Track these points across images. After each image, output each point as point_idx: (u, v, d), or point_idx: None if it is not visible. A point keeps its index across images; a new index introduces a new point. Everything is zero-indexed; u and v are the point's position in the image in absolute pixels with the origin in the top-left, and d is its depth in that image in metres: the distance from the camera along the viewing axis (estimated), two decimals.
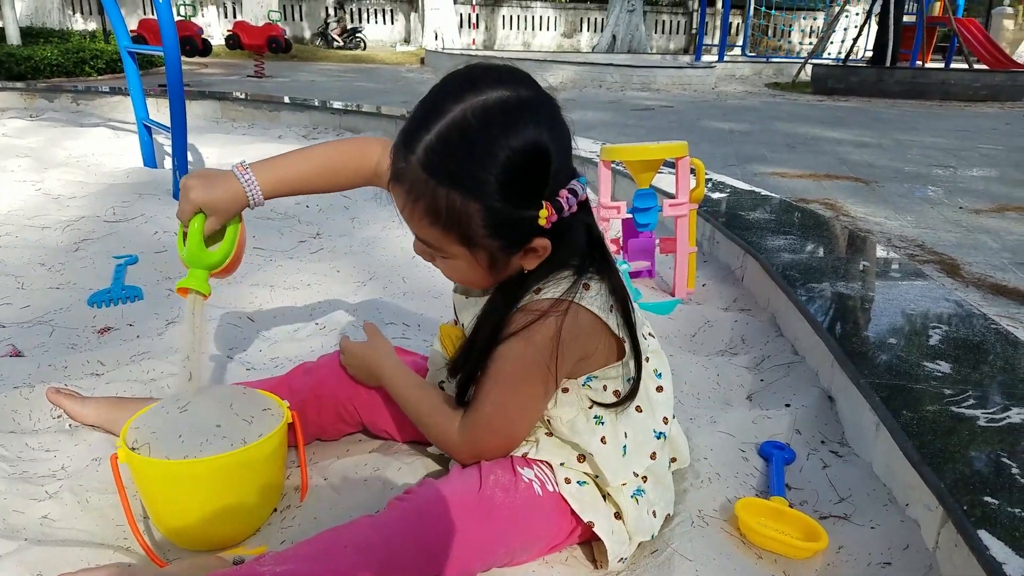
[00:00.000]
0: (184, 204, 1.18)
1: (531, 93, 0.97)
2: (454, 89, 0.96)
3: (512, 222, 0.97)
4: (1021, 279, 2.87)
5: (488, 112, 0.93)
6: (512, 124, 0.93)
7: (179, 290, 1.24)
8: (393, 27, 18.62)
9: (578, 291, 1.05)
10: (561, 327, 1.04)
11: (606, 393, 1.15)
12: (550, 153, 0.96)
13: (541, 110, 0.97)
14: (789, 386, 1.73)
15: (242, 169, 1.21)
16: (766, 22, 17.08)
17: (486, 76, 0.97)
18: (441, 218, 0.97)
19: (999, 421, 1.33)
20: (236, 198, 1.20)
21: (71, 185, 3.37)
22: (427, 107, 0.97)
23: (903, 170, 5.14)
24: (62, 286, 2.28)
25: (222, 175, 1.21)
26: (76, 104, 6.14)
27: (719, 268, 2.61)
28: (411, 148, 0.96)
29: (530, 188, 0.96)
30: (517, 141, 0.93)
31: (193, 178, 1.19)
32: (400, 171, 0.98)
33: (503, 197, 0.95)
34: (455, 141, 0.93)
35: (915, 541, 1.18)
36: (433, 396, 1.25)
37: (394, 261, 2.60)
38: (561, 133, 0.99)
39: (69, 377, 1.69)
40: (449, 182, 0.94)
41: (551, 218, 0.97)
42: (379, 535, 1.00)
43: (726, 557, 1.15)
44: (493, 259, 1.02)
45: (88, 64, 8.96)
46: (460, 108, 0.93)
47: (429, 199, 0.96)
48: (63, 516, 1.22)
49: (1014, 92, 10.63)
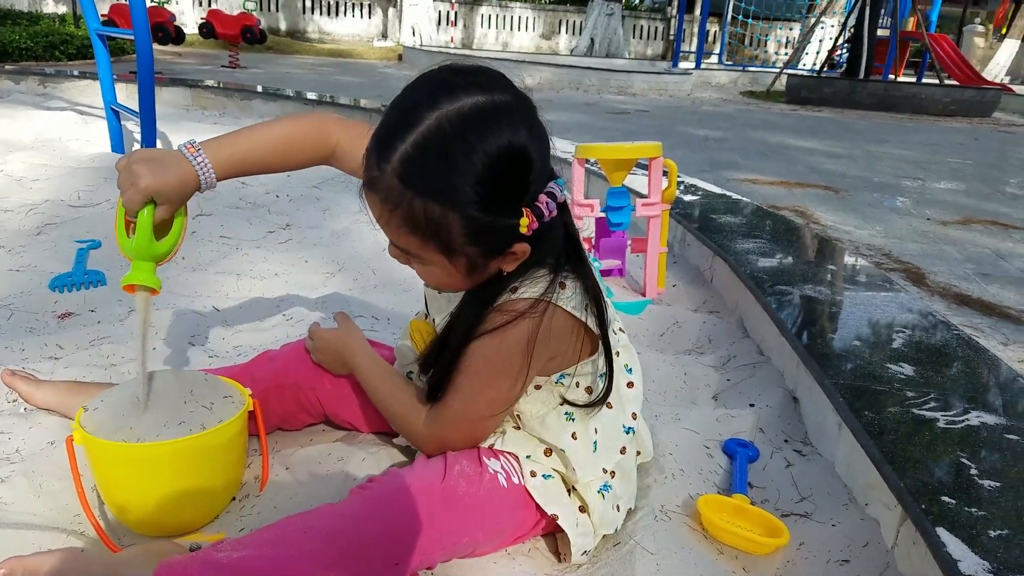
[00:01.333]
0: (133, 193, 1.07)
1: (507, 97, 0.95)
2: (428, 95, 0.93)
3: (492, 230, 0.96)
4: (984, 290, 2.92)
5: (464, 120, 0.91)
6: (489, 131, 0.91)
7: (126, 287, 1.13)
8: (370, 21, 18.51)
9: (555, 291, 1.04)
10: (537, 328, 1.04)
11: (579, 390, 1.14)
12: (529, 158, 0.95)
13: (517, 114, 0.95)
14: (754, 386, 1.74)
15: (193, 150, 1.12)
16: (743, 31, 17.26)
17: (460, 80, 0.94)
18: (420, 228, 0.95)
19: (958, 423, 1.35)
20: (188, 182, 1.11)
21: (35, 168, 3.30)
22: (401, 113, 0.94)
23: (873, 180, 5.21)
24: (23, 269, 2.23)
25: (171, 156, 1.11)
26: (43, 87, 6.02)
27: (689, 270, 2.63)
28: (385, 157, 0.93)
29: (509, 195, 0.95)
30: (495, 149, 0.91)
31: (139, 162, 1.07)
32: (374, 179, 0.95)
33: (482, 206, 0.93)
34: (431, 151, 0.91)
35: (874, 539, 1.19)
36: (402, 386, 1.24)
37: (364, 253, 2.58)
38: (539, 136, 0.97)
39: (27, 360, 1.65)
40: (427, 193, 0.92)
41: (532, 225, 0.96)
42: (340, 522, 0.99)
43: (687, 551, 1.16)
44: (472, 264, 1.00)
45: (58, 49, 8.78)
46: (435, 116, 0.91)
47: (406, 209, 0.94)
48: (15, 500, 1.19)
49: (983, 108, 10.84)
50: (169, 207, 1.12)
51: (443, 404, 1.13)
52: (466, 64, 0.98)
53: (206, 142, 1.16)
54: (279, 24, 17.64)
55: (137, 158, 1.09)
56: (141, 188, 1.07)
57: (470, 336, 1.07)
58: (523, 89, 0.99)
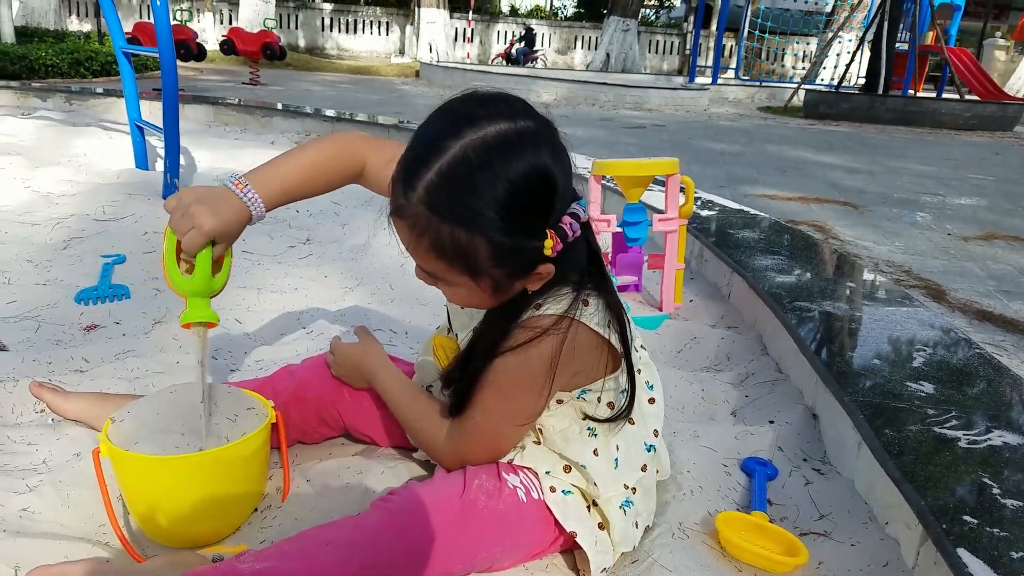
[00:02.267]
0: (195, 235, 1.07)
1: (529, 123, 0.96)
2: (452, 124, 0.95)
3: (517, 252, 0.98)
4: (1006, 306, 2.90)
5: (488, 148, 0.92)
6: (513, 158, 0.93)
7: (185, 325, 1.13)
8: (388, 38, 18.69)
9: (578, 307, 1.05)
10: (561, 344, 1.05)
11: (600, 405, 1.15)
12: (553, 182, 0.96)
13: (540, 139, 0.96)
14: (773, 403, 1.74)
15: (242, 187, 1.13)
16: (759, 46, 17.25)
17: (483, 109, 0.96)
18: (446, 253, 0.97)
19: (980, 443, 1.34)
20: (241, 219, 1.13)
21: (62, 184, 3.35)
22: (425, 143, 0.96)
23: (893, 196, 5.18)
24: (49, 283, 2.27)
25: (222, 195, 1.12)
26: (69, 104, 6.12)
27: (706, 285, 2.63)
28: (412, 185, 0.95)
29: (534, 219, 0.97)
30: (518, 175, 0.93)
31: (197, 204, 1.07)
32: (401, 207, 0.97)
33: (507, 231, 0.94)
34: (457, 179, 0.93)
35: (894, 559, 1.19)
36: (423, 400, 1.25)
37: (383, 268, 2.60)
38: (561, 159, 0.99)
39: (53, 372, 1.68)
40: (453, 219, 0.94)
41: (556, 247, 0.98)
42: (360, 535, 1.00)
43: (706, 569, 1.16)
44: (498, 285, 1.02)
45: (83, 65, 8.93)
46: (460, 145, 0.93)
47: (433, 235, 0.95)
48: (43, 509, 1.21)
49: (1004, 122, 10.75)
50: (227, 244, 1.14)
51: (465, 418, 1.14)
52: (488, 91, 1.00)
53: (250, 175, 1.17)
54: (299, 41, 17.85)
55: (192, 199, 1.08)
56: (205, 231, 1.07)
57: (494, 352, 1.08)
58: (544, 112, 1.01)
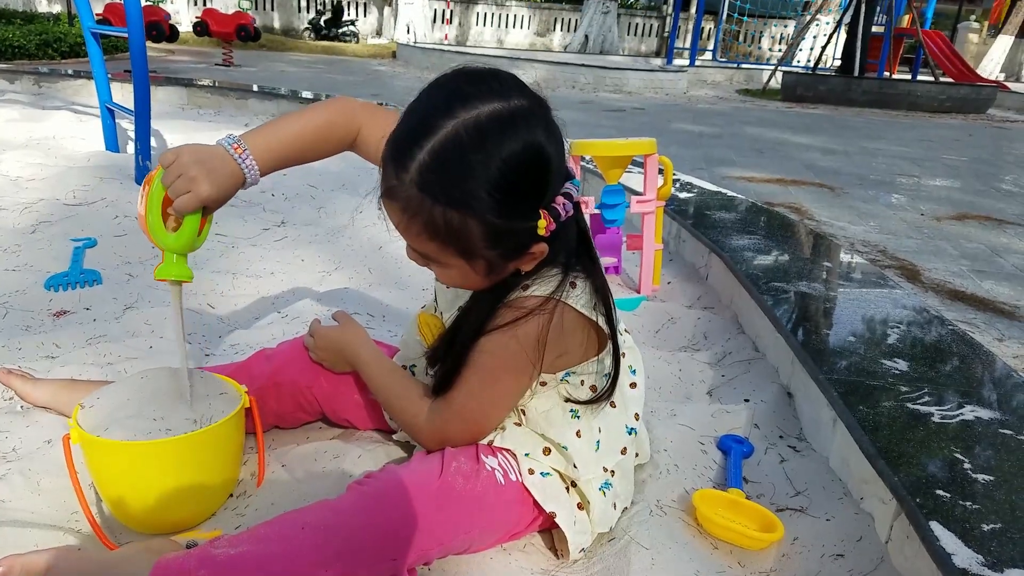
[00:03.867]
0: (191, 199, 1.05)
1: (523, 101, 0.94)
2: (444, 103, 0.93)
3: (511, 233, 0.96)
4: (978, 285, 2.93)
5: (481, 127, 0.90)
6: (506, 137, 0.91)
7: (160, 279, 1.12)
8: (365, 19, 18.48)
9: (565, 289, 1.05)
10: (547, 325, 1.04)
11: (583, 388, 1.15)
12: (546, 162, 0.95)
13: (534, 118, 0.94)
14: (749, 382, 1.75)
15: (240, 150, 1.11)
16: (738, 28, 17.25)
17: (475, 87, 0.93)
18: (439, 234, 0.95)
19: (953, 418, 1.35)
20: (236, 184, 1.11)
21: (30, 167, 3.29)
22: (417, 121, 0.94)
23: (868, 177, 5.22)
24: (18, 268, 2.23)
25: (220, 159, 1.09)
26: (38, 86, 6.00)
27: (684, 266, 2.63)
28: (403, 166, 0.93)
29: (528, 199, 0.95)
30: (512, 155, 0.91)
31: (195, 166, 1.05)
32: (392, 188, 0.95)
33: (501, 212, 0.93)
34: (450, 159, 0.91)
35: (868, 533, 1.20)
36: (404, 381, 1.25)
37: (360, 251, 2.58)
38: (555, 138, 0.97)
39: (23, 359, 1.65)
40: (446, 201, 0.92)
41: (549, 227, 0.96)
42: (337, 518, 0.99)
43: (682, 546, 1.16)
44: (491, 266, 1.01)
45: (51, 47, 8.76)
46: (452, 124, 0.90)
47: (426, 216, 0.94)
48: (13, 498, 1.19)
49: (978, 104, 10.86)
50: (218, 206, 1.12)
51: (447, 398, 1.14)
52: (480, 68, 0.98)
53: (247, 136, 1.14)
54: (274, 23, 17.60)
55: (191, 159, 1.06)
56: (202, 198, 1.06)
57: (480, 331, 1.07)
58: (536, 90, 0.99)
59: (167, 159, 1.06)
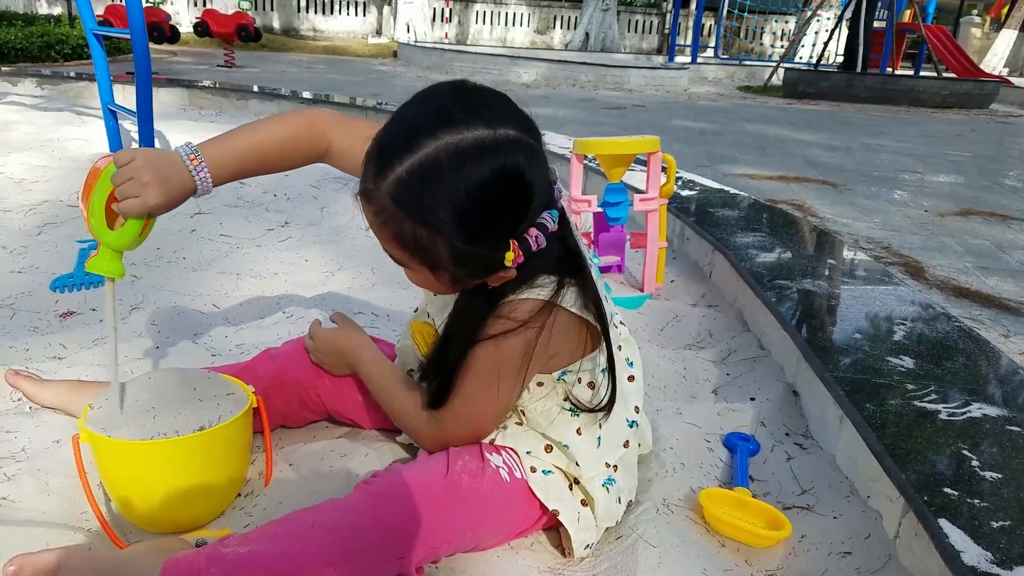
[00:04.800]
0: (137, 205, 1.04)
1: (508, 131, 0.92)
2: (432, 120, 0.92)
3: (477, 258, 0.96)
4: (983, 282, 2.93)
5: (462, 154, 0.89)
6: (484, 168, 0.90)
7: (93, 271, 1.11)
8: (365, 19, 18.47)
9: (558, 299, 1.05)
10: (537, 335, 1.04)
11: (581, 386, 1.15)
12: (524, 195, 0.94)
13: (518, 149, 0.92)
14: (755, 380, 1.75)
15: (196, 162, 1.09)
16: (738, 24, 17.24)
17: (464, 110, 0.92)
18: (408, 245, 0.96)
19: (960, 416, 1.35)
20: (186, 193, 1.10)
21: (34, 169, 3.30)
22: (402, 134, 0.94)
23: (871, 174, 5.21)
24: (24, 270, 2.24)
25: (174, 167, 1.08)
26: (41, 88, 6.01)
27: (688, 264, 2.63)
28: (382, 174, 0.93)
29: (498, 230, 0.95)
30: (487, 187, 0.90)
31: (147, 171, 1.04)
32: (369, 191, 0.95)
33: (470, 239, 0.93)
34: (425, 181, 0.90)
35: (876, 531, 1.20)
36: (405, 385, 1.25)
37: (363, 251, 2.58)
38: (540, 169, 0.96)
39: (30, 360, 1.66)
40: (417, 219, 0.92)
41: (517, 260, 0.96)
42: (345, 517, 1.00)
43: (690, 544, 1.16)
44: (456, 280, 1.01)
45: (54, 49, 8.76)
46: (434, 146, 0.90)
47: (396, 227, 0.94)
48: (22, 498, 1.20)
49: (980, 100, 10.82)
50: (161, 212, 1.10)
51: (445, 405, 1.15)
52: (475, 87, 0.97)
53: (206, 146, 1.12)
54: (274, 23, 17.61)
55: (145, 165, 1.05)
56: (149, 205, 1.05)
57: (470, 340, 1.07)
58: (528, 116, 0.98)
59: (122, 159, 1.05)
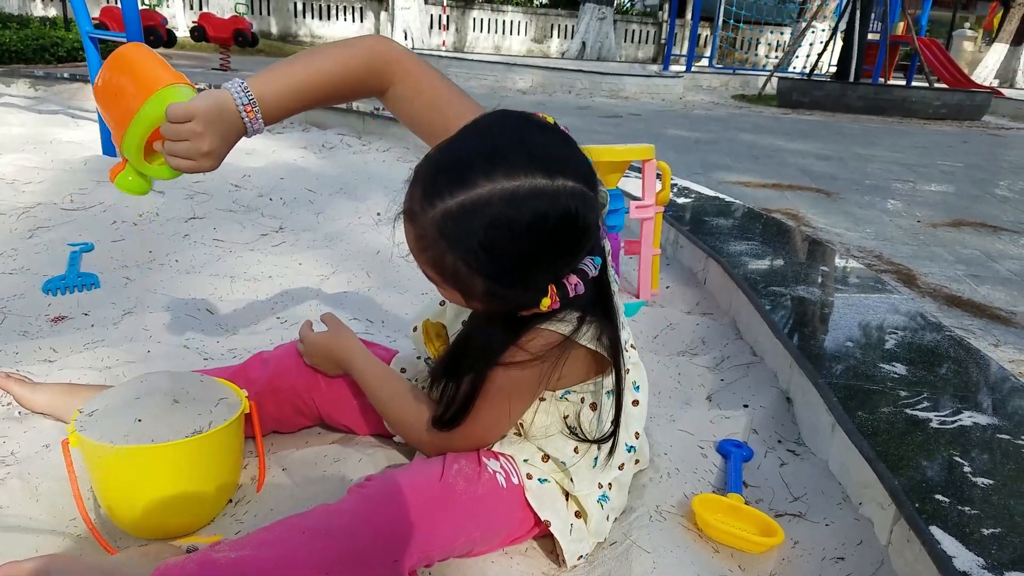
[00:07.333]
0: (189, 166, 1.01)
1: (566, 182, 0.89)
2: (489, 158, 0.88)
3: (512, 300, 0.96)
4: (974, 291, 2.94)
5: (516, 203, 0.86)
6: (537, 219, 0.87)
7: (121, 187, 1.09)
8: (362, 25, 18.50)
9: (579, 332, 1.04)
10: (552, 365, 1.05)
11: (583, 405, 1.15)
12: (571, 247, 0.93)
13: (573, 200, 0.89)
14: (748, 386, 1.75)
15: (252, 114, 1.02)
16: (734, 35, 17.30)
17: (527, 151, 0.89)
18: (445, 274, 0.94)
19: (951, 423, 1.36)
20: (238, 138, 1.05)
21: (27, 171, 3.29)
22: (459, 163, 0.90)
23: (864, 183, 5.23)
24: (16, 272, 2.23)
25: (231, 123, 1.02)
26: (34, 89, 6.00)
27: (682, 272, 2.64)
28: (431, 201, 0.89)
29: (539, 277, 0.94)
30: (537, 237, 0.88)
31: (206, 139, 0.99)
32: (415, 214, 0.92)
33: (509, 283, 0.92)
34: (475, 220, 0.87)
35: (868, 537, 1.20)
36: (402, 389, 1.25)
37: (359, 256, 2.58)
38: (590, 219, 0.93)
39: (21, 364, 1.65)
40: (459, 253, 0.90)
41: (552, 306, 0.95)
42: (338, 521, 0.99)
43: (683, 550, 1.16)
44: (487, 309, 1.01)
45: (48, 51, 8.75)
46: (489, 188, 0.86)
47: (437, 255, 0.92)
48: (11, 503, 1.19)
49: (972, 111, 10.89)
50: None
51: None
52: (538, 124, 0.94)
53: (262, 88, 1.03)
54: (271, 27, 17.63)
55: (202, 131, 0.99)
56: (204, 169, 1.02)
57: (487, 362, 1.06)
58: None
59: (178, 114, 0.98)
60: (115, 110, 1.04)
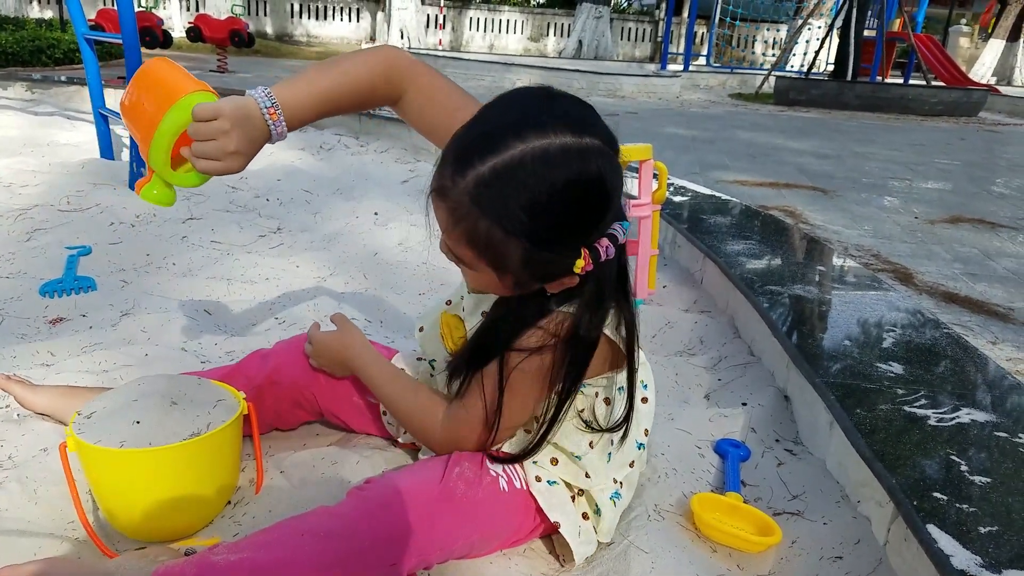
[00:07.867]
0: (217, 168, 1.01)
1: (594, 140, 0.92)
2: (518, 122, 0.91)
3: (548, 263, 0.96)
4: (971, 288, 2.94)
5: (548, 160, 0.89)
6: (569, 175, 0.90)
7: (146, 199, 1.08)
8: (359, 25, 18.49)
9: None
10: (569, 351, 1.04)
11: (598, 400, 1.15)
12: (602, 204, 0.94)
13: (602, 159, 0.92)
14: (746, 386, 1.75)
15: (275, 116, 1.03)
16: (731, 32, 17.32)
17: (552, 117, 0.92)
18: (479, 245, 0.94)
19: (949, 421, 1.36)
20: (263, 141, 1.05)
21: (23, 174, 3.28)
22: (488, 132, 0.93)
23: (861, 181, 5.24)
24: (12, 275, 2.22)
25: (254, 127, 1.02)
26: (31, 92, 5.99)
27: (680, 271, 2.64)
28: (462, 172, 0.91)
29: (573, 236, 0.95)
30: (570, 193, 0.90)
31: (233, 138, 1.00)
32: (445, 188, 0.93)
33: (544, 243, 0.93)
34: (509, 182, 0.89)
35: (866, 536, 1.20)
36: (413, 387, 1.25)
37: (356, 257, 2.58)
38: (616, 180, 0.95)
39: (18, 367, 1.65)
40: (494, 218, 0.91)
41: (586, 267, 0.95)
42: (337, 523, 0.99)
43: (681, 550, 1.17)
44: (519, 283, 1.00)
45: (45, 53, 8.73)
46: (520, 148, 0.89)
47: (471, 226, 0.93)
48: (10, 506, 1.19)
49: (969, 108, 10.91)
50: None
51: (467, 405, 1.13)
52: (561, 93, 0.96)
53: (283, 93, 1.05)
54: (267, 28, 17.61)
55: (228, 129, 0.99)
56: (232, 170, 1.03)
57: (508, 345, 1.06)
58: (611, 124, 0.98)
59: (204, 114, 0.98)
60: (141, 122, 1.05)
